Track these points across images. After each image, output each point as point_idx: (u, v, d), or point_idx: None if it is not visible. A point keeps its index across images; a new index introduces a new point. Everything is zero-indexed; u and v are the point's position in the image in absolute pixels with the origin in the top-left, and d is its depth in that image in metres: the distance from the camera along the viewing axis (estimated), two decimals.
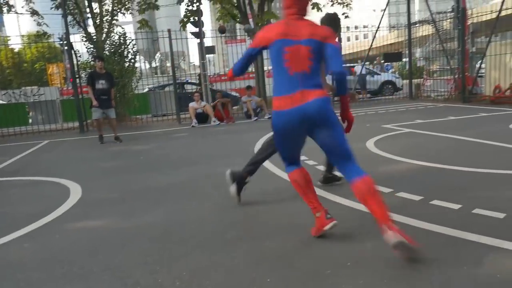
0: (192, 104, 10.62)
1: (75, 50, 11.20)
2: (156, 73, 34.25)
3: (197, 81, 14.29)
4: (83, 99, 11.11)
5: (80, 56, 11.67)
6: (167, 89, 14.43)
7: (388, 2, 14.15)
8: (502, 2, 9.87)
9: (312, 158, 4.86)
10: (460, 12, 11.14)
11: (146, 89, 14.76)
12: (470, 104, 10.24)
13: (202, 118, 10.60)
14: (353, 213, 3.12)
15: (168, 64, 39.82)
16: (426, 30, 14.20)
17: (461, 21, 11.01)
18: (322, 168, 4.11)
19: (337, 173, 3.83)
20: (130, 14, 13.29)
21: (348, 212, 3.16)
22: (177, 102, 11.61)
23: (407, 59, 14.20)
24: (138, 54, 12.73)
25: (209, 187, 4.22)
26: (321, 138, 2.48)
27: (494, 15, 10.24)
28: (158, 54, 43.71)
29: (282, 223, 3.05)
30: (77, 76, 11.27)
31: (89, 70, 10.97)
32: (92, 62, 11.62)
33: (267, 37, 2.52)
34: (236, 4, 13.32)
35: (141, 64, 17.10)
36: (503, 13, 10.01)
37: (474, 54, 11.77)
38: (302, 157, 3.43)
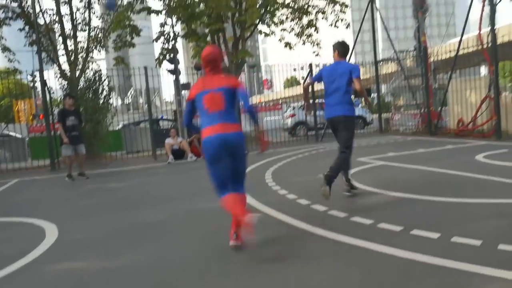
0: (168, 140, 10.59)
1: (48, 86, 11.06)
2: (129, 109, 34.06)
3: (173, 117, 14.35)
4: (55, 136, 10.87)
5: (53, 93, 11.53)
6: (142, 125, 14.37)
7: (355, 42, 14.97)
8: (460, 42, 10.68)
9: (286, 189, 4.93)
10: (422, 51, 11.92)
11: (120, 126, 14.62)
12: (436, 137, 10.75)
13: (178, 154, 10.55)
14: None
15: (141, 101, 39.82)
16: (391, 67, 15.02)
17: (424, 59, 11.76)
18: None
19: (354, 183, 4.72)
20: (105, 52, 13.36)
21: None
22: (153, 138, 11.55)
23: (375, 95, 14.87)
24: (113, 91, 12.72)
25: (191, 224, 4.19)
26: (230, 161, 3.25)
27: (453, 53, 10.99)
28: (131, 91, 43.67)
29: (265, 255, 3.06)
30: (49, 112, 11.05)
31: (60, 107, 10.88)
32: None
33: (192, 94, 3.40)
34: (211, 43, 13.69)
35: (115, 100, 17.01)
36: (461, 52, 10.82)
37: (437, 90, 12.51)
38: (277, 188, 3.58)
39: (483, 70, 13.99)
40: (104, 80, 11.95)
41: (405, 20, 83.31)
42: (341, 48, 4.70)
